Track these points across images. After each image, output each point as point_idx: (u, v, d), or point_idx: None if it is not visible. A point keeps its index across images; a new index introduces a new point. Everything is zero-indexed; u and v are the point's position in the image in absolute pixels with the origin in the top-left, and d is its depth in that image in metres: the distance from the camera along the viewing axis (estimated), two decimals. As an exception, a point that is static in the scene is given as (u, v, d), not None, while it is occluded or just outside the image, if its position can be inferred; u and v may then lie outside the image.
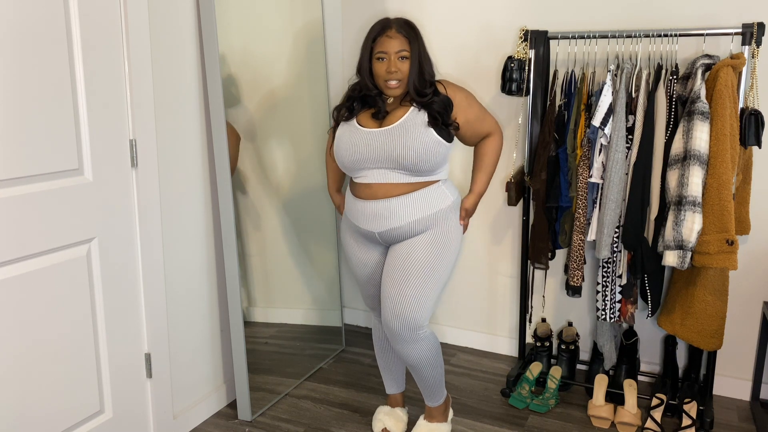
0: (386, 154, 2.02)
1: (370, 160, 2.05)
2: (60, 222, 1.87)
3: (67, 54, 1.83)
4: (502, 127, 2.29)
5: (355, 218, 2.17)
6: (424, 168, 2.04)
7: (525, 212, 2.74)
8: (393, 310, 2.06)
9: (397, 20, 2.07)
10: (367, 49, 2.07)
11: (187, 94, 2.28)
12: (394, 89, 2.05)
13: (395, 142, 2.01)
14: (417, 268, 2.06)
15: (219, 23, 2.23)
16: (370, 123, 2.10)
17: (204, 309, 2.46)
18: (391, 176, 2.05)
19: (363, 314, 3.43)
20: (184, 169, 2.29)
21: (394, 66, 2.02)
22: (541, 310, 2.95)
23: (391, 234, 2.10)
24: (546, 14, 2.71)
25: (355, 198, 2.15)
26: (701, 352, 2.61)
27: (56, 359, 1.91)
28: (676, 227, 2.19)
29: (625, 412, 2.43)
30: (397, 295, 2.06)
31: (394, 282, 2.07)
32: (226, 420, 2.52)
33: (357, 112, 2.13)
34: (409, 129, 2.02)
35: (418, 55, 2.04)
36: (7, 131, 1.71)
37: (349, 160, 2.08)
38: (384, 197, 2.06)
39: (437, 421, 2.34)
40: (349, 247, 2.26)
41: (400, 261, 2.08)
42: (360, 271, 2.27)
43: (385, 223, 2.08)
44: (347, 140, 2.10)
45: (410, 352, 2.12)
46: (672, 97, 2.31)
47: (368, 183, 2.08)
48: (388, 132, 2.04)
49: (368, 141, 2.05)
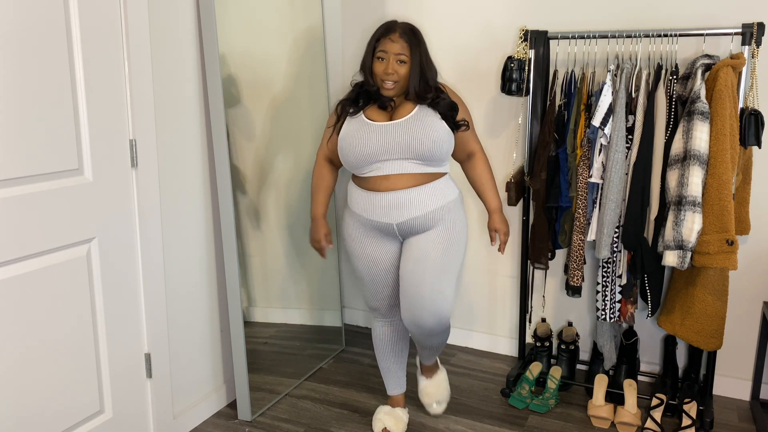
0: (403, 144, 2.08)
1: (386, 152, 2.09)
2: (60, 222, 1.87)
3: (67, 54, 1.84)
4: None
5: (369, 212, 2.16)
6: (437, 157, 2.11)
7: (525, 212, 2.74)
8: (431, 310, 2.11)
9: (403, 25, 2.13)
10: (370, 47, 2.14)
11: (187, 94, 2.28)
12: (389, 90, 2.11)
13: (412, 132, 2.08)
14: (445, 265, 2.12)
15: (219, 23, 2.23)
16: (379, 117, 2.14)
17: (204, 309, 2.46)
18: (407, 167, 2.10)
19: (363, 314, 3.43)
20: (184, 169, 2.29)
21: (392, 68, 2.09)
22: (541, 310, 2.95)
23: (409, 225, 2.13)
24: (546, 14, 2.71)
25: (369, 191, 2.15)
26: (701, 352, 2.61)
27: (56, 359, 1.91)
28: (676, 227, 2.19)
29: (625, 412, 2.43)
30: (432, 293, 2.10)
31: (426, 282, 2.10)
32: (226, 420, 2.52)
33: (363, 107, 2.17)
34: (424, 119, 2.10)
35: (419, 61, 2.10)
36: (7, 131, 1.71)
37: (362, 153, 2.10)
38: (402, 188, 2.10)
39: (435, 372, 2.49)
40: (358, 243, 2.23)
41: (429, 261, 2.12)
42: (371, 269, 2.24)
43: (405, 213, 2.11)
44: (358, 134, 2.12)
45: (436, 340, 2.25)
46: (672, 97, 2.31)
47: (385, 175, 2.11)
48: (404, 123, 2.10)
49: (383, 133, 2.09)
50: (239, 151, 2.48)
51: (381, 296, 2.29)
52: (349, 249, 2.28)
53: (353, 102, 2.19)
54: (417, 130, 2.08)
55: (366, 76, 2.15)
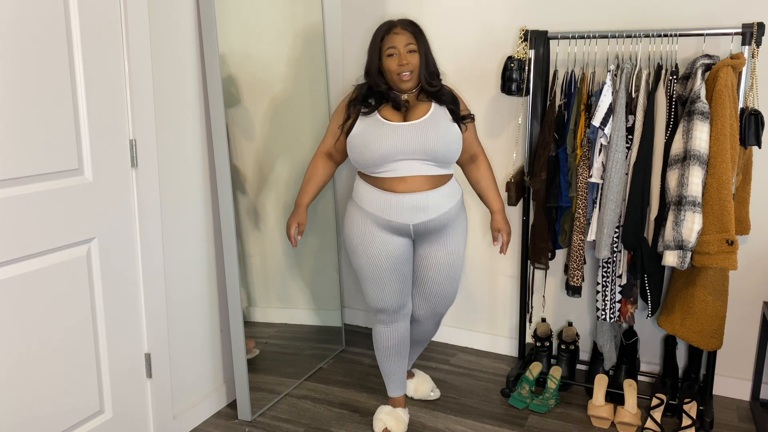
0: (420, 145, 2.11)
1: (403, 153, 2.12)
2: (60, 222, 1.87)
3: (67, 54, 1.84)
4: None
5: (385, 212, 2.17)
6: (449, 159, 2.19)
7: (525, 212, 2.74)
8: (445, 304, 2.37)
9: (401, 20, 2.21)
10: (375, 49, 2.18)
11: (187, 94, 2.28)
12: (406, 81, 2.16)
13: (428, 133, 2.12)
14: (456, 262, 2.29)
15: (219, 23, 2.23)
16: (394, 117, 2.16)
17: (204, 309, 2.46)
18: (423, 168, 2.14)
19: (363, 314, 3.43)
20: (184, 169, 2.29)
21: (405, 59, 2.14)
22: (541, 310, 2.95)
23: (425, 226, 2.19)
24: (546, 14, 2.71)
25: (384, 191, 2.16)
26: (701, 352, 2.61)
27: (56, 359, 1.91)
28: (676, 227, 2.19)
29: (625, 412, 2.43)
30: (450, 289, 2.33)
31: (447, 283, 2.30)
32: (226, 420, 2.52)
33: (376, 106, 2.19)
34: (439, 121, 2.16)
35: (425, 50, 2.18)
36: (7, 131, 1.71)
37: (378, 152, 2.12)
38: (420, 190, 2.15)
39: (413, 372, 2.69)
40: (367, 240, 2.21)
41: (447, 265, 2.27)
42: (383, 264, 2.22)
43: (423, 215, 2.17)
44: (375, 133, 2.13)
45: (435, 327, 2.48)
46: (672, 97, 2.31)
47: (402, 176, 2.14)
48: (422, 124, 2.14)
49: (401, 133, 2.12)
50: (239, 151, 2.48)
51: (387, 294, 2.26)
52: (353, 247, 2.26)
53: (363, 101, 2.20)
54: (433, 132, 2.12)
55: (374, 78, 2.18)
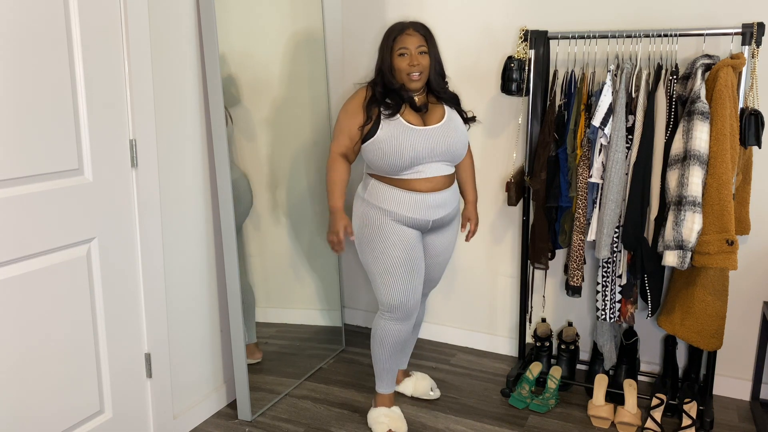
0: (445, 147, 2.24)
1: (430, 155, 2.22)
2: (60, 222, 1.87)
3: (67, 54, 1.84)
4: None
5: (409, 210, 2.24)
6: (461, 158, 2.34)
7: (525, 212, 2.74)
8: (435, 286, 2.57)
9: (414, 22, 2.29)
10: (387, 48, 2.25)
11: (187, 94, 2.28)
12: (416, 81, 2.23)
13: (451, 137, 2.25)
14: (451, 249, 2.49)
15: (219, 23, 2.23)
16: (416, 120, 2.24)
17: (204, 309, 2.46)
18: (443, 168, 2.27)
19: (363, 314, 3.43)
20: (184, 169, 2.29)
21: (416, 60, 2.22)
22: (541, 310, 2.95)
23: (441, 220, 2.33)
24: (546, 14, 2.71)
25: (409, 191, 2.24)
26: (701, 352, 2.61)
27: (56, 359, 1.91)
28: (676, 227, 2.19)
29: (625, 412, 2.43)
30: (441, 273, 2.53)
31: (440, 264, 2.47)
32: (226, 420, 2.52)
33: (397, 108, 2.22)
34: (457, 125, 2.30)
35: (434, 52, 2.27)
36: (7, 131, 1.71)
37: (409, 157, 2.18)
38: (442, 188, 2.29)
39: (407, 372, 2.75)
40: (390, 230, 2.23)
41: (445, 247, 2.43)
42: (400, 255, 2.24)
43: (441, 211, 2.31)
44: (404, 139, 2.18)
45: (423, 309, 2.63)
46: (672, 97, 2.31)
47: (428, 177, 2.25)
48: (443, 128, 2.25)
49: (429, 138, 2.22)
50: (239, 151, 2.48)
51: (401, 289, 2.26)
52: (368, 240, 2.26)
53: (380, 102, 2.22)
54: (454, 134, 2.26)
55: (387, 75, 2.24)
